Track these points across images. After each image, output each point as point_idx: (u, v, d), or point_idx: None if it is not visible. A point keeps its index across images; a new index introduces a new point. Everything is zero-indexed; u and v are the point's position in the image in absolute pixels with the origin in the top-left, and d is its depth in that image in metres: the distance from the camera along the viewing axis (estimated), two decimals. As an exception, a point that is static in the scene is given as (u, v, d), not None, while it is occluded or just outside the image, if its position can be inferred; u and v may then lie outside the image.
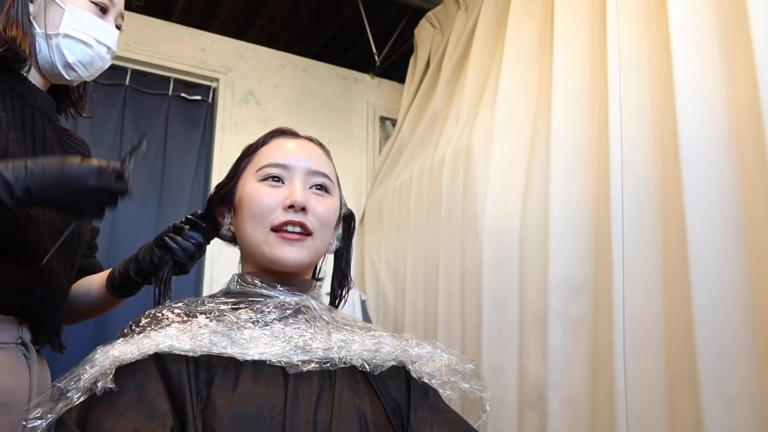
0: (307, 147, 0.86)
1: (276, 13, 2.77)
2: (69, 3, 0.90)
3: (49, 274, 0.89)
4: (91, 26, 0.91)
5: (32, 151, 0.89)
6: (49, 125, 0.95)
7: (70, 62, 0.91)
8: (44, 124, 0.92)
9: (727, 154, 1.16)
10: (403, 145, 2.62)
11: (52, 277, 0.90)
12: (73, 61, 0.91)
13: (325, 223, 0.82)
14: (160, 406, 0.63)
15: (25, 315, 0.88)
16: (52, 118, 0.96)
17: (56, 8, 0.89)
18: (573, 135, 1.55)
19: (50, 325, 0.92)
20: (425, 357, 0.78)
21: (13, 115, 0.87)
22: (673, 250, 1.21)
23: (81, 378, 0.62)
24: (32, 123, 0.90)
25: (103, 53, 0.96)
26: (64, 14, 0.89)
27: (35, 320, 0.89)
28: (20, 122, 0.88)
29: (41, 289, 0.88)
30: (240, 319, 0.74)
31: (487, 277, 1.72)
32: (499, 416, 1.59)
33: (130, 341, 0.67)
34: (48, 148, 0.92)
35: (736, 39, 1.17)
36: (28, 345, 0.88)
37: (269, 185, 0.81)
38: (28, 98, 0.90)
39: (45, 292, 0.89)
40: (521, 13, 1.93)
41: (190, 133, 2.63)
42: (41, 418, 0.59)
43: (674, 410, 1.17)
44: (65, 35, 0.89)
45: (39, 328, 0.90)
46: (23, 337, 0.87)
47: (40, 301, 0.88)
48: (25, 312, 0.87)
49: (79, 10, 0.90)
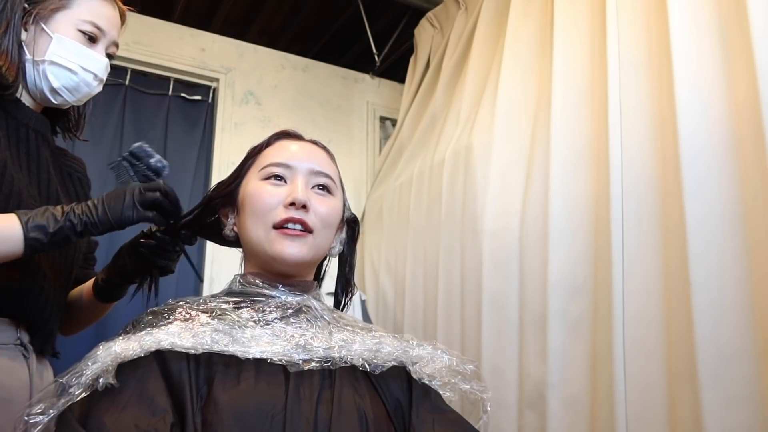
0: (310, 149, 0.87)
1: (276, 13, 2.77)
2: (57, 32, 0.94)
3: (43, 280, 0.92)
4: (76, 54, 0.96)
5: (26, 167, 0.93)
6: (44, 143, 0.99)
7: (55, 87, 0.96)
8: (38, 142, 0.96)
9: (727, 154, 1.16)
10: (403, 145, 2.62)
11: (45, 284, 0.92)
12: (57, 86, 0.96)
13: (326, 223, 0.82)
14: (161, 403, 0.63)
15: (20, 319, 0.90)
16: (47, 137, 1.01)
17: (45, 36, 0.94)
18: (573, 135, 1.55)
19: (43, 330, 0.94)
20: (426, 358, 0.79)
21: (8, 135, 0.91)
22: (673, 250, 1.21)
23: (83, 374, 0.62)
24: (26, 142, 0.94)
25: (89, 80, 0.99)
26: (51, 42, 0.94)
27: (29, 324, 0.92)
28: (15, 141, 0.92)
29: (35, 295, 0.91)
30: (241, 318, 0.74)
31: (487, 277, 1.72)
32: (498, 416, 1.59)
33: (132, 338, 0.67)
34: (42, 165, 0.96)
35: (736, 39, 1.17)
36: (27, 346, 0.91)
37: (272, 184, 0.81)
38: (21, 119, 0.95)
39: (38, 299, 0.92)
40: (521, 13, 1.93)
41: (190, 133, 2.63)
42: (43, 414, 0.59)
43: (674, 410, 1.17)
44: (51, 62, 0.94)
45: (33, 332, 0.93)
46: (22, 339, 0.90)
47: (34, 306, 0.91)
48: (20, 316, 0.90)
49: (66, 38, 0.95)
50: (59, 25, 0.95)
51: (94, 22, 0.97)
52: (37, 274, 0.91)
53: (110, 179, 2.41)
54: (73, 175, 1.09)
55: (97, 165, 2.40)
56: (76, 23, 0.95)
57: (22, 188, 0.88)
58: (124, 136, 2.47)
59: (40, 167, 0.95)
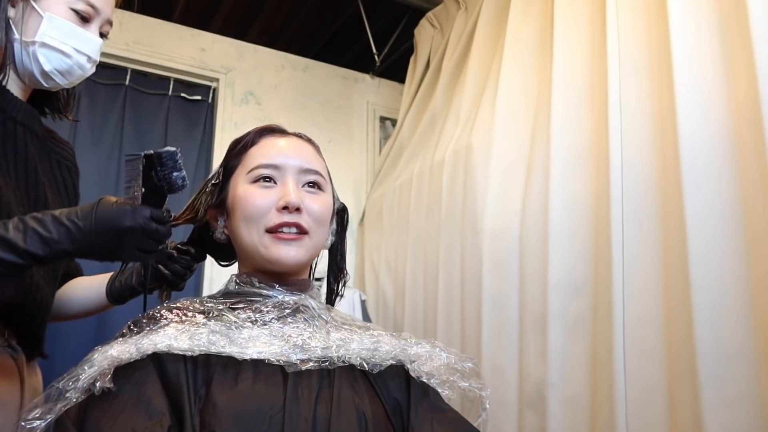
0: (297, 145, 0.85)
1: (276, 13, 2.77)
2: (48, 10, 0.88)
3: (36, 291, 0.89)
4: (69, 35, 0.89)
5: (14, 167, 0.88)
6: (31, 138, 0.94)
7: (47, 70, 0.90)
8: (26, 138, 0.91)
9: (727, 154, 1.15)
10: (403, 145, 2.62)
11: (39, 294, 0.90)
12: (49, 69, 0.90)
13: (321, 221, 0.82)
14: (158, 406, 0.63)
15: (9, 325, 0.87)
16: (35, 130, 0.95)
17: (36, 15, 0.87)
18: (573, 135, 1.54)
19: (31, 337, 0.92)
20: (424, 356, 0.78)
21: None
22: (673, 250, 1.21)
23: (79, 378, 0.62)
24: (14, 137, 0.89)
25: (83, 62, 0.94)
26: (42, 22, 0.87)
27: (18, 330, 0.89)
28: (1, 138, 0.87)
29: (28, 307, 0.88)
30: (239, 318, 0.74)
31: (487, 277, 1.72)
32: (498, 416, 1.58)
33: (129, 341, 0.67)
34: (30, 164, 0.92)
35: (736, 39, 1.17)
36: (15, 347, 0.88)
37: (261, 186, 0.80)
38: (9, 112, 0.89)
39: (32, 308, 0.89)
40: (521, 13, 1.93)
41: (190, 133, 2.64)
42: (40, 419, 0.59)
43: (674, 410, 1.17)
44: (42, 44, 0.88)
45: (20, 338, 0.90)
46: (9, 341, 0.87)
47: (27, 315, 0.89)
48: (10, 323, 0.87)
49: (58, 18, 0.88)
50: (50, 3, 0.88)
51: (87, 0, 0.90)
52: (31, 287, 0.87)
53: (110, 180, 2.41)
54: (61, 163, 1.03)
55: (97, 165, 2.42)
56: (68, 1, 0.89)
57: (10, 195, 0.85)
58: (124, 136, 2.48)
59: (27, 166, 0.91)
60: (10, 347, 0.87)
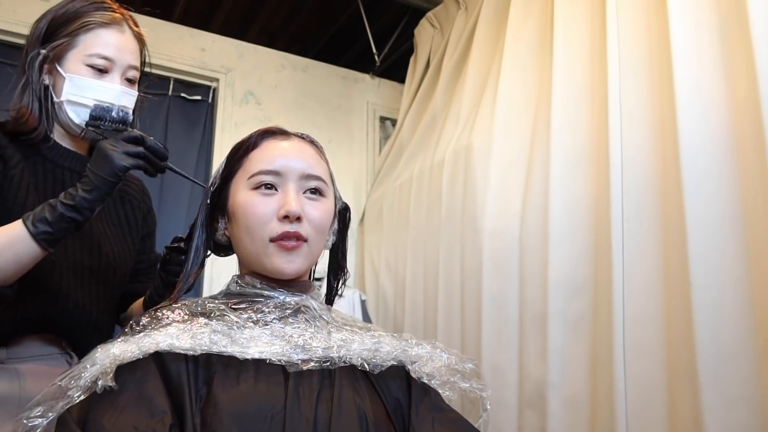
0: (299, 148, 0.84)
1: (276, 13, 2.77)
2: (69, 71, 0.99)
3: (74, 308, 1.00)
4: (88, 89, 0.99)
5: None
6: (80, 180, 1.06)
7: (77, 123, 1.00)
8: (74, 181, 1.00)
9: (727, 154, 1.16)
10: (403, 145, 2.62)
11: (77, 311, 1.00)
12: (79, 122, 1.00)
13: (320, 229, 0.81)
14: (160, 404, 0.63)
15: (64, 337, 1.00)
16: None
17: (60, 77, 0.99)
18: (573, 135, 1.55)
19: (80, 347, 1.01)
20: (425, 357, 0.78)
21: (44, 179, 1.00)
22: (673, 250, 1.21)
23: (82, 376, 0.62)
24: (62, 182, 1.02)
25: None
26: (65, 82, 0.99)
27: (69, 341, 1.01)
28: (51, 183, 1.00)
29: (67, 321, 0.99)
30: (240, 318, 0.74)
31: (487, 277, 1.72)
32: (498, 416, 1.59)
33: (131, 340, 0.67)
34: None
35: (736, 39, 1.17)
36: (72, 354, 1.00)
37: (262, 194, 0.79)
38: (57, 160, 1.02)
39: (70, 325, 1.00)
40: (521, 13, 1.93)
41: (190, 133, 2.64)
42: (42, 416, 0.59)
43: (674, 410, 1.17)
44: (68, 101, 0.99)
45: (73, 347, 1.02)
46: (66, 349, 1.00)
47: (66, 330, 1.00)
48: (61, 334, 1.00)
49: (77, 77, 0.99)
50: (70, 64, 0.99)
51: (100, 54, 1.00)
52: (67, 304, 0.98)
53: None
54: (125, 198, 1.15)
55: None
56: (83, 59, 0.99)
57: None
58: (124, 136, 2.47)
59: None
60: (68, 354, 1.00)
